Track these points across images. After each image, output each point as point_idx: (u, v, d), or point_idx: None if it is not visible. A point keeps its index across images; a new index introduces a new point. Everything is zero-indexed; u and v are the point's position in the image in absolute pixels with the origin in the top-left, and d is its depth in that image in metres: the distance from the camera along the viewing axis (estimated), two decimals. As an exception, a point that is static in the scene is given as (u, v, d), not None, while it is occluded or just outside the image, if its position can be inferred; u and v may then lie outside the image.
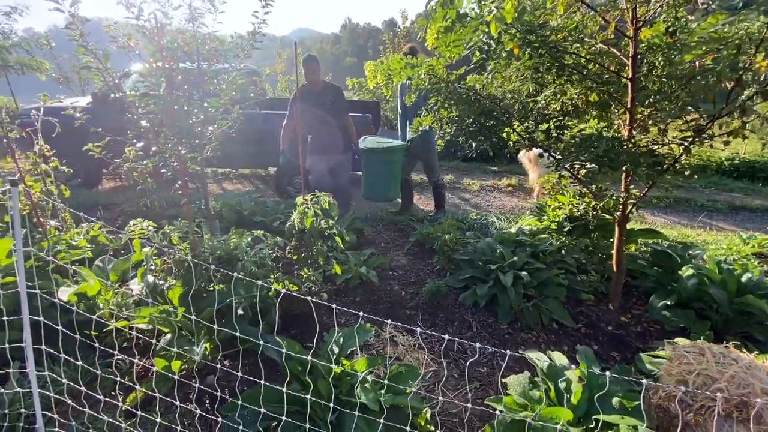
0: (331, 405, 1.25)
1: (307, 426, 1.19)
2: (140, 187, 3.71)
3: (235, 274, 1.76)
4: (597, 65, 2.21)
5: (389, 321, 1.24)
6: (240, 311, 2.03)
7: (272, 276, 2.21)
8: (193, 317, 1.44)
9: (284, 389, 1.18)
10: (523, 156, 5.33)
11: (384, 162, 3.81)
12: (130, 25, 2.65)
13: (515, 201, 5.98)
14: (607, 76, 2.24)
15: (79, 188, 5.31)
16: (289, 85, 11.69)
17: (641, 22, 2.07)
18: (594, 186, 2.03)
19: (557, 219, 3.32)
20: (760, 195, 7.12)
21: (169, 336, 1.88)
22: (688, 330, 2.42)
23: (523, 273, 2.54)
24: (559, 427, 1.21)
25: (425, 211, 4.93)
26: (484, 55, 1.82)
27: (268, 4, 2.97)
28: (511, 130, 2.39)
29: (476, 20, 1.72)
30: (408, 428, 1.25)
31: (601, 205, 2.44)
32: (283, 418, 1.21)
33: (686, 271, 2.62)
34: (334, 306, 1.27)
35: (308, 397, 1.15)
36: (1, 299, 1.47)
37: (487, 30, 1.75)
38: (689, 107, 1.73)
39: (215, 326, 1.37)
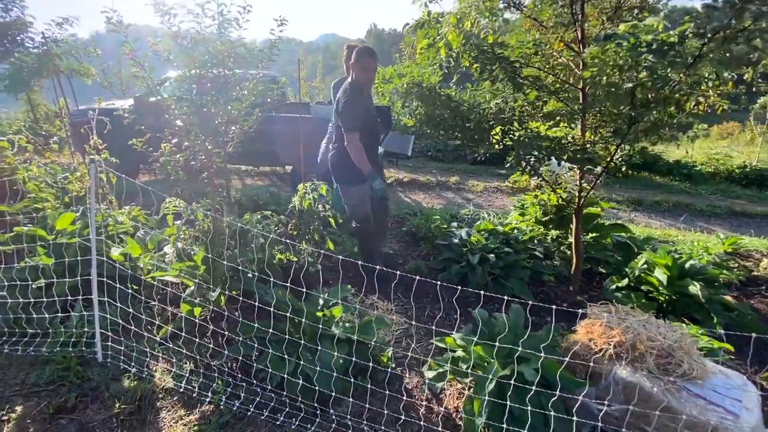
0: (304, 320, 1.71)
1: (287, 337, 1.66)
2: (173, 178, 4.31)
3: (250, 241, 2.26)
4: (556, 78, 2.61)
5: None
6: (250, 274, 2.53)
7: (276, 248, 2.70)
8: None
9: (272, 309, 1.66)
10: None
11: None
12: (170, 40, 3.23)
13: (516, 202, 6.32)
14: (566, 85, 2.63)
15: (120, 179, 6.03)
16: (310, 90, 12.34)
17: (589, 41, 2.46)
18: (542, 175, 2.41)
19: (536, 214, 3.69)
20: (766, 203, 7.16)
21: (192, 288, 2.39)
22: (636, 309, 2.75)
23: (491, 255, 2.93)
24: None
25: (430, 209, 5.34)
26: (445, 70, 2.26)
27: (283, 23, 3.51)
28: (482, 131, 2.80)
29: (438, 44, 2.16)
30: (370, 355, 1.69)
31: (558, 197, 2.81)
32: (270, 330, 1.68)
33: (640, 259, 2.95)
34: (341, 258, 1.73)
35: (288, 314, 1.62)
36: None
37: (448, 51, 2.18)
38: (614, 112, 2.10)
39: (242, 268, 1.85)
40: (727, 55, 1.72)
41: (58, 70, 9.14)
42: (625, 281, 2.87)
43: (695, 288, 2.55)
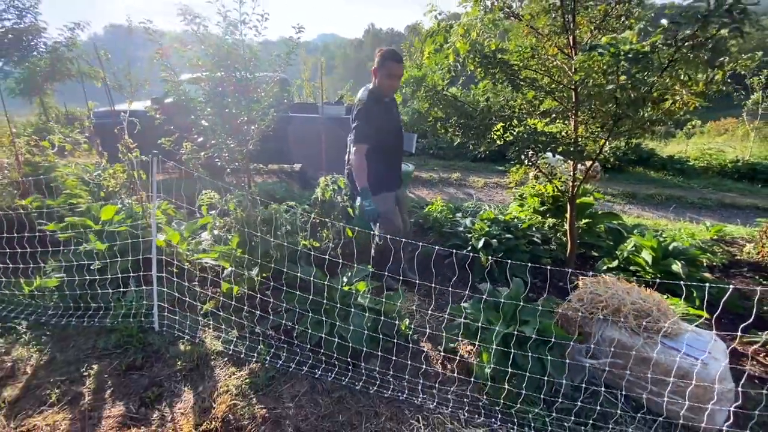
0: (339, 287, 2.01)
1: (324, 302, 1.96)
2: (196, 175, 4.61)
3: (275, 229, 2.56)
4: (551, 79, 2.90)
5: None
6: (278, 255, 2.83)
7: (300, 235, 3.00)
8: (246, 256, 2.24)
9: (311, 279, 1.96)
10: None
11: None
12: (196, 45, 3.53)
13: (515, 194, 6.63)
14: (560, 86, 2.92)
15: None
16: (314, 91, 12.63)
17: (580, 46, 2.76)
18: (539, 167, 2.71)
19: (534, 204, 4.00)
20: (756, 195, 7.47)
21: (229, 269, 2.69)
22: (625, 287, 3.06)
23: (493, 241, 3.24)
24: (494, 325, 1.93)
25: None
26: (453, 74, 2.56)
27: (300, 29, 3.82)
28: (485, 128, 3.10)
29: (447, 50, 2.46)
30: (390, 319, 2.00)
31: (554, 187, 3.11)
32: (311, 297, 1.98)
33: (629, 242, 3.25)
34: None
35: (326, 283, 1.92)
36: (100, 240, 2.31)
37: (456, 57, 2.48)
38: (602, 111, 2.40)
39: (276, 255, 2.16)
40: (697, 60, 2.02)
41: (70, 74, 9.42)
42: (615, 262, 3.18)
43: (677, 266, 2.85)
